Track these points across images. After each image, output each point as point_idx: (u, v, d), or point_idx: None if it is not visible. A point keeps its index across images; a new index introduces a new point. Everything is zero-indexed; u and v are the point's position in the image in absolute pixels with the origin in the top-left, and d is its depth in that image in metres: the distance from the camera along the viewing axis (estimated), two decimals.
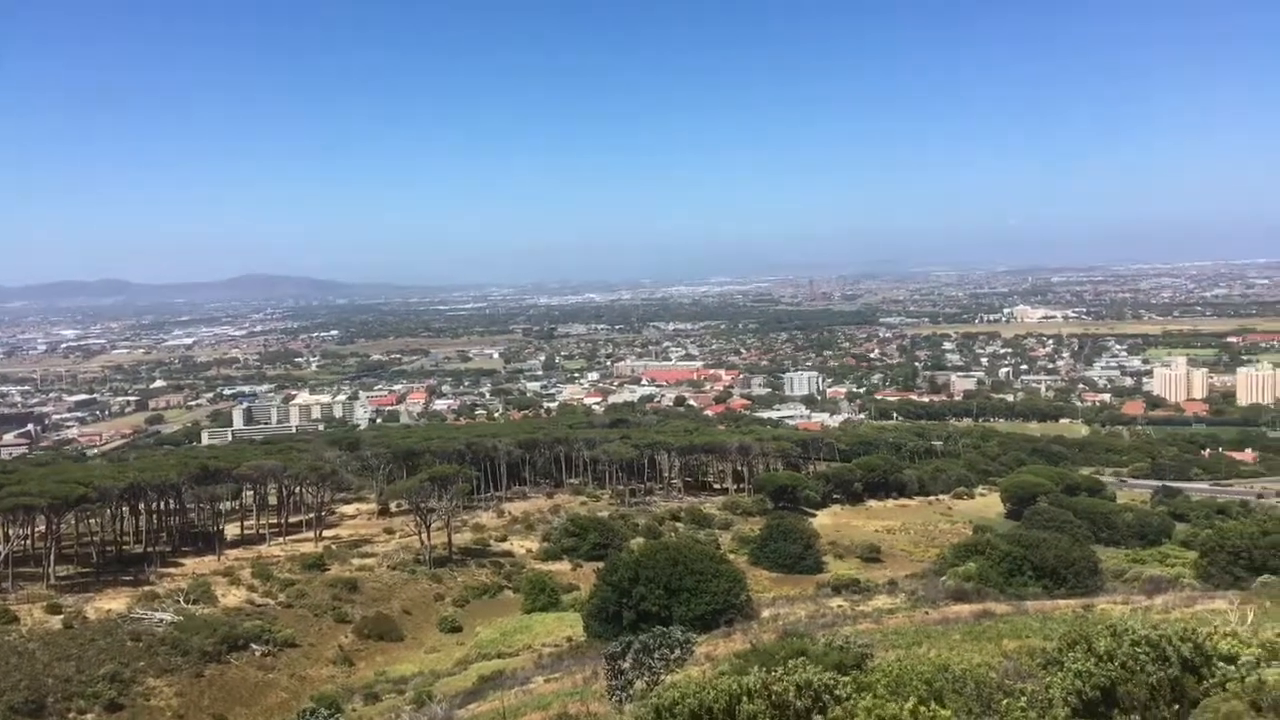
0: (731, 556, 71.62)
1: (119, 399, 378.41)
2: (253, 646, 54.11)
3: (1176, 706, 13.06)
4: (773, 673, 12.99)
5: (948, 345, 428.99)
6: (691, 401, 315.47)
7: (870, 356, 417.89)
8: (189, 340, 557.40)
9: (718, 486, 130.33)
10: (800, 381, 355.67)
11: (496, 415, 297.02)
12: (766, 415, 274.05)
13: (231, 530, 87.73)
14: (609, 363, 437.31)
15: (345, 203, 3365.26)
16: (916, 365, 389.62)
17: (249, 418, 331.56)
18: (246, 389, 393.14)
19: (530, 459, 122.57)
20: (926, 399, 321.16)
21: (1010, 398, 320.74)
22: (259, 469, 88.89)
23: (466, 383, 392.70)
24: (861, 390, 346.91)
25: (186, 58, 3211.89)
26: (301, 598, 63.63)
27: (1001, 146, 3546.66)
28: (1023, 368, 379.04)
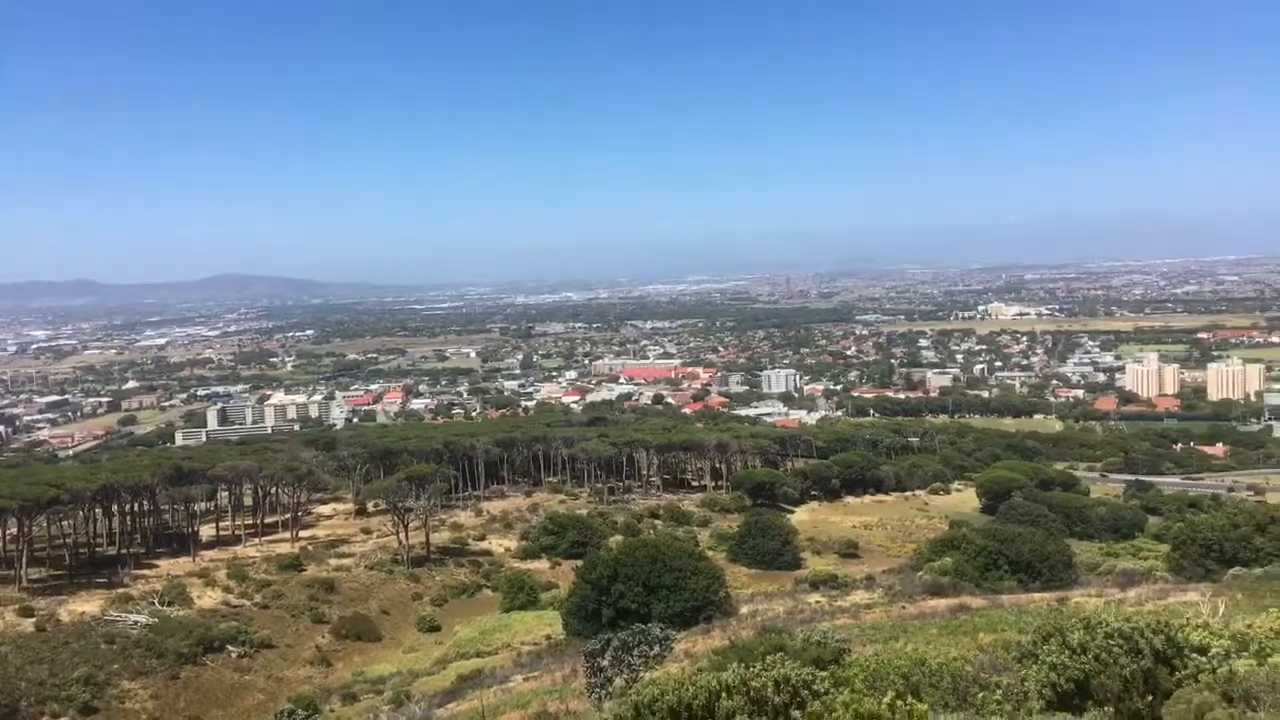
0: (710, 553, 71.85)
1: (91, 400, 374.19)
2: (229, 648, 53.69)
3: (1150, 698, 13.24)
4: (751, 669, 13.04)
5: (923, 342, 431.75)
6: (669, 399, 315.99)
7: (847, 354, 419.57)
8: (162, 340, 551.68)
9: (696, 484, 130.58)
10: (778, 379, 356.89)
11: (474, 414, 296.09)
12: (744, 413, 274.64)
13: (207, 531, 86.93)
14: (587, 361, 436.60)
15: (320, 202, 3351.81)
16: (893, 362, 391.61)
17: (223, 418, 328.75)
18: (221, 389, 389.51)
19: (508, 458, 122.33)
20: (903, 396, 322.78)
21: (985, 394, 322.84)
22: (234, 469, 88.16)
23: (444, 382, 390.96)
24: (838, 387, 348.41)
25: (156, 57, 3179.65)
26: (278, 598, 63.22)
27: (978, 147, 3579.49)
28: (997, 364, 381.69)
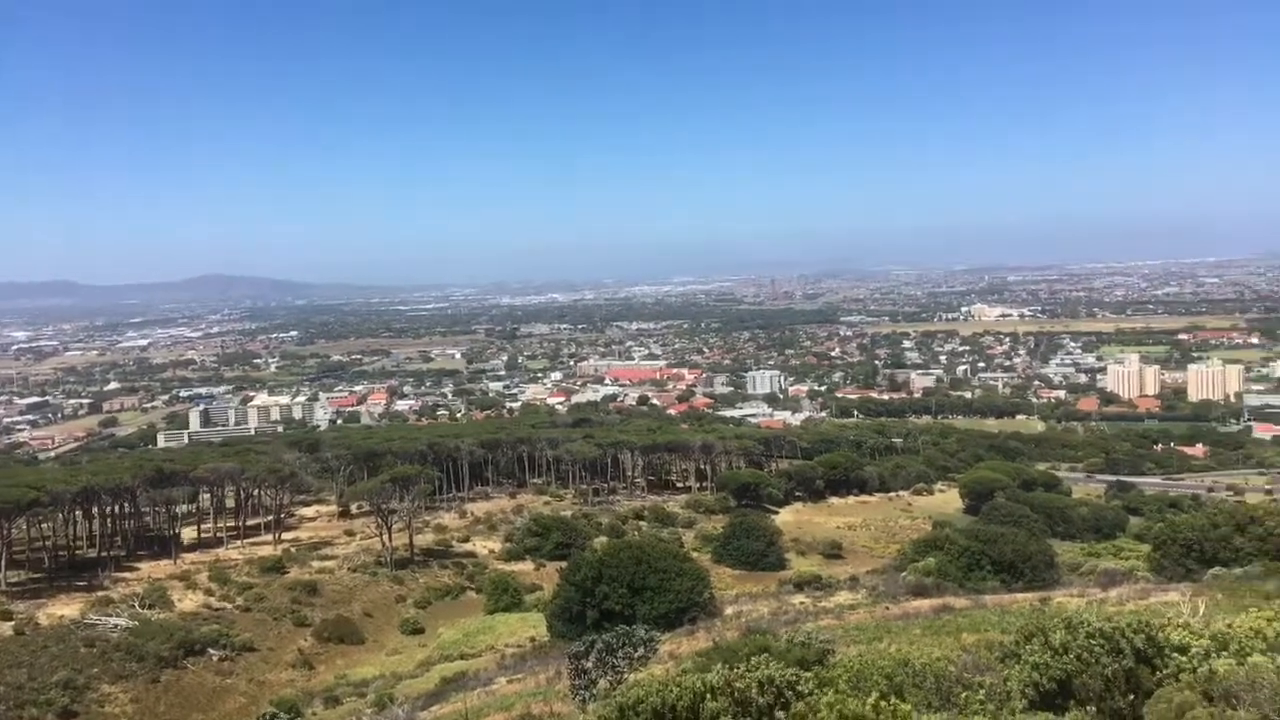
0: (695, 554, 71.86)
1: (72, 402, 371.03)
2: (210, 651, 53.29)
3: (1131, 697, 13.30)
4: (735, 670, 13.04)
5: (907, 343, 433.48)
6: (654, 400, 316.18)
7: (831, 355, 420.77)
8: (144, 342, 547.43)
9: (681, 485, 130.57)
10: (762, 380, 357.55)
11: (459, 416, 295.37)
12: (729, 414, 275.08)
13: (188, 534, 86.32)
14: (572, 362, 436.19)
15: (305, 203, 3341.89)
16: (877, 363, 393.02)
17: (206, 420, 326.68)
18: (203, 391, 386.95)
19: (493, 459, 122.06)
20: (887, 397, 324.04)
21: (968, 395, 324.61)
22: (216, 471, 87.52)
23: (428, 383, 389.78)
24: (823, 388, 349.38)
25: (140, 56, 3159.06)
26: (260, 601, 62.81)
27: (972, 148, 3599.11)
28: (980, 365, 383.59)
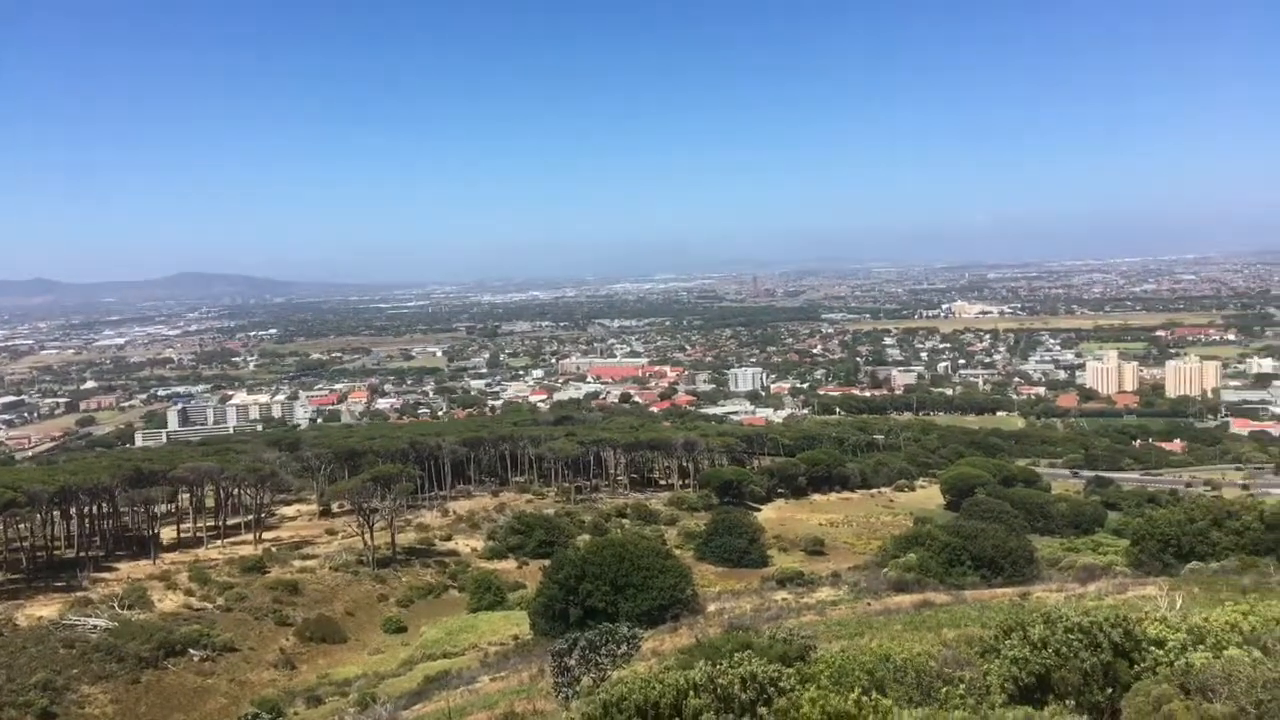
0: (677, 552, 71.97)
1: (48, 401, 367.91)
2: (191, 651, 52.92)
3: (1109, 691, 13.44)
4: (718, 666, 13.08)
5: (888, 341, 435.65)
6: (637, 398, 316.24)
7: (813, 352, 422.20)
8: (121, 340, 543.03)
9: (663, 482, 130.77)
10: (745, 377, 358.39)
11: (440, 414, 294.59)
12: (711, 411, 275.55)
13: (168, 534, 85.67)
14: (554, 360, 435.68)
15: (285, 201, 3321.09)
16: (858, 360, 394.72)
17: (184, 419, 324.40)
18: (182, 389, 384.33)
19: (475, 457, 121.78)
20: (868, 394, 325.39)
21: (949, 391, 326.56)
22: (195, 471, 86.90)
23: (410, 381, 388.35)
24: (805, 386, 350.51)
25: (116, 55, 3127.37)
26: (241, 601, 62.42)
27: (945, 147, 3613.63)
28: (961, 362, 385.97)
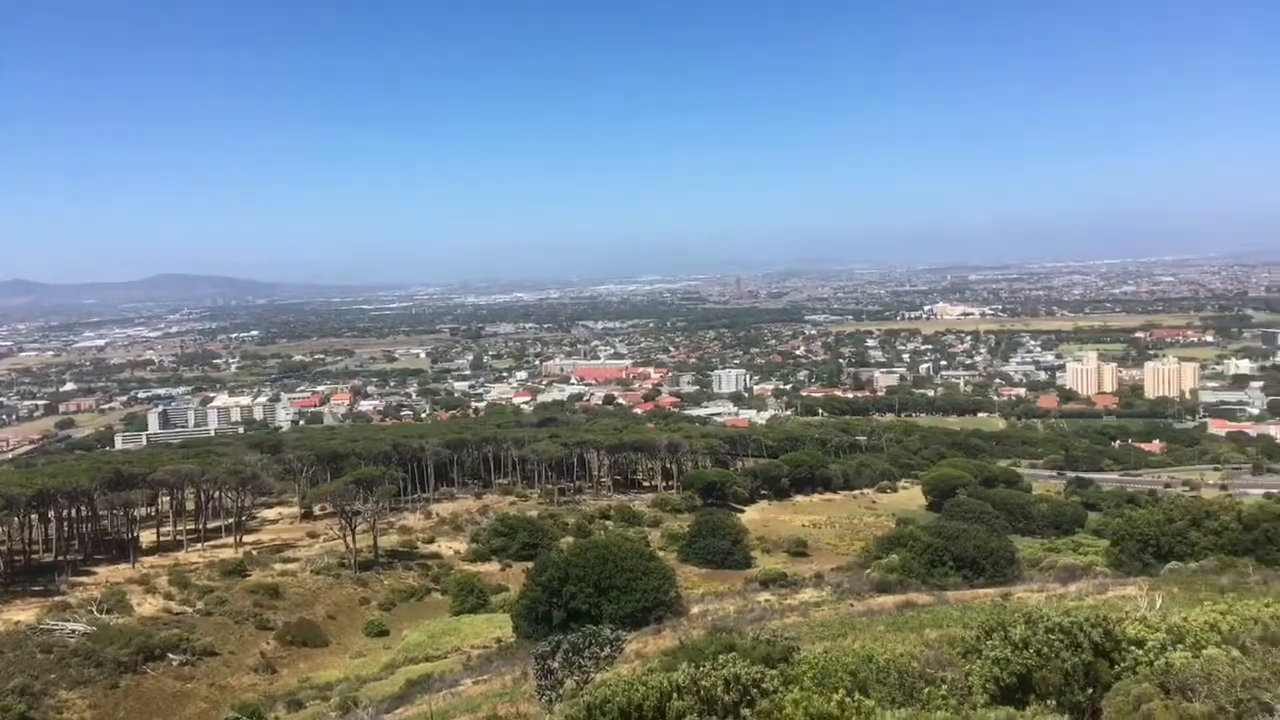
0: (661, 553, 71.94)
1: (27, 403, 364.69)
2: (170, 656, 52.48)
3: (1090, 690, 13.52)
4: (702, 668, 13.07)
5: (871, 342, 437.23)
6: (620, 400, 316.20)
7: (796, 354, 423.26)
8: (101, 342, 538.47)
9: (647, 484, 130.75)
10: (728, 379, 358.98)
11: (423, 416, 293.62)
12: (695, 413, 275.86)
13: (147, 537, 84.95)
14: (538, 362, 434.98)
15: (267, 202, 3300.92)
16: (841, 362, 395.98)
17: (165, 421, 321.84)
18: (162, 391, 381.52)
19: (458, 459, 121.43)
20: (851, 395, 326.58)
21: (931, 393, 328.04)
22: (176, 473, 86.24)
23: (392, 383, 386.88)
24: (788, 387, 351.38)
25: (99, 55, 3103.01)
26: (221, 605, 61.98)
27: (927, 149, 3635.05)
28: (942, 364, 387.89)
